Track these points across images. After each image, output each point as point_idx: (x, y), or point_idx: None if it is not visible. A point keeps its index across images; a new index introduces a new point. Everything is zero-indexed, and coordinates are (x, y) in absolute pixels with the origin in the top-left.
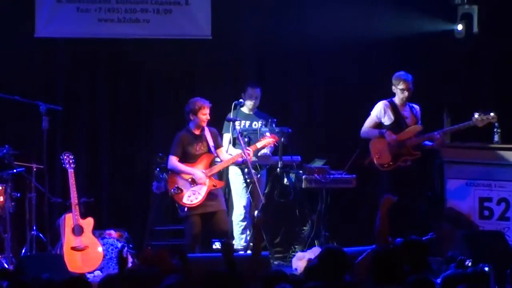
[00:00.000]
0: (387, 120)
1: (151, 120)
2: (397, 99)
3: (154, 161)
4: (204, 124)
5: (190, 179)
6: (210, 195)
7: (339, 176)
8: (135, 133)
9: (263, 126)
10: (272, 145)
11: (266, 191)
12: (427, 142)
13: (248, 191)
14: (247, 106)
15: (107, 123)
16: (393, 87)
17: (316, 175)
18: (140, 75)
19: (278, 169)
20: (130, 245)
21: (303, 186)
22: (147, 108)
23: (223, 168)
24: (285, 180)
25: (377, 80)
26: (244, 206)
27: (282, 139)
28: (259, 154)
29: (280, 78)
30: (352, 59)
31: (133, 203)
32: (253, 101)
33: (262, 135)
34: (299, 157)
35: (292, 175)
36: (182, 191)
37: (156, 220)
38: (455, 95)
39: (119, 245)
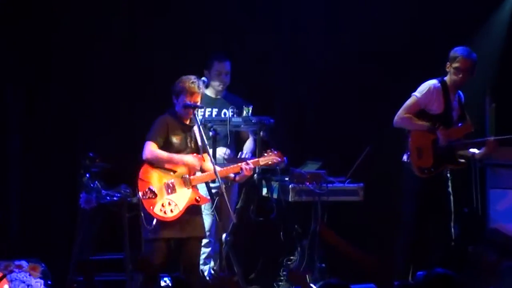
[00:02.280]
0: (434, 108)
1: (78, 107)
2: (448, 81)
3: (82, 163)
4: (184, 112)
5: (170, 183)
6: (189, 214)
7: (340, 185)
8: (56, 124)
9: (235, 115)
10: (275, 165)
11: (238, 206)
12: (472, 149)
13: (213, 207)
14: (214, 87)
15: (17, 109)
16: (447, 65)
17: (308, 183)
18: (67, 40)
19: (255, 175)
20: (49, 282)
21: (290, 199)
22: (75, 89)
23: (212, 179)
24: (265, 190)
25: (392, 55)
26: (209, 227)
27: (262, 133)
28: (224, 153)
29: (257, 50)
30: (355, 30)
31: (53, 223)
32: (222, 79)
33: (265, 150)
34: (284, 158)
35: (275, 184)
36: (156, 196)
37: (85, 247)
38: (501, 76)
39: (34, 281)
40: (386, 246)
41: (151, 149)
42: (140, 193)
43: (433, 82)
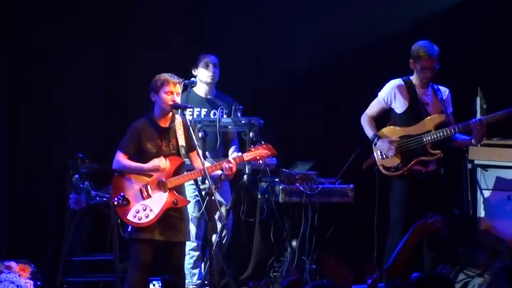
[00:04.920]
0: (398, 106)
1: (68, 107)
2: (415, 79)
3: (71, 164)
4: (169, 108)
5: (143, 188)
6: (169, 217)
7: (331, 186)
8: (45, 124)
9: (224, 115)
10: (265, 160)
11: (228, 208)
12: (461, 136)
13: (203, 208)
14: (203, 85)
15: (4, 109)
16: (411, 62)
17: (298, 184)
18: (50, 34)
19: (244, 176)
20: (39, 283)
21: (280, 200)
22: (61, 88)
23: (190, 179)
24: (256, 191)
25: (382, 50)
26: (198, 230)
27: (251, 134)
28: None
29: (247, 48)
30: (347, 23)
31: (42, 224)
32: (211, 69)
33: (254, 144)
34: (274, 159)
35: (265, 185)
36: (129, 203)
37: (75, 248)
38: (492, 73)
39: (23, 282)
40: (376, 247)
41: (118, 159)
42: (113, 201)
43: (395, 81)
